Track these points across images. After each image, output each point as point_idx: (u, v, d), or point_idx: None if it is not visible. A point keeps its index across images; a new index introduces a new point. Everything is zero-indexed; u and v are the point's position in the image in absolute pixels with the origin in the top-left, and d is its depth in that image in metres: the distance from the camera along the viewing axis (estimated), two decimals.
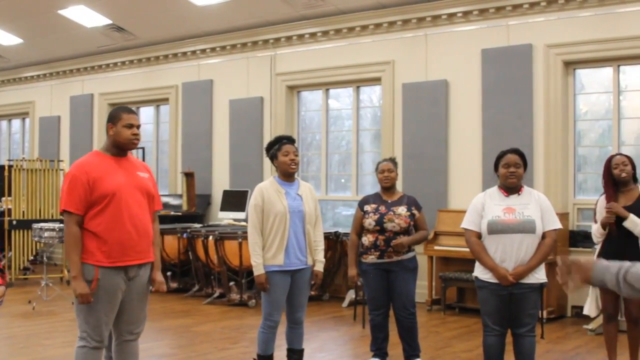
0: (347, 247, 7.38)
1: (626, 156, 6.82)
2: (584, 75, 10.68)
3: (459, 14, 11.17)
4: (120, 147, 5.25)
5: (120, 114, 5.23)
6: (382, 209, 7.05)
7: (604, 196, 6.87)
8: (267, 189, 6.42)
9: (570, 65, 10.57)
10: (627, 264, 3.11)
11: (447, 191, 11.26)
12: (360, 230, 7.15)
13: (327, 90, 12.98)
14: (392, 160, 7.33)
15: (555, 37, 10.46)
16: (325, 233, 10.17)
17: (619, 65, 10.27)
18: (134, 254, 5.18)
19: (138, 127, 5.26)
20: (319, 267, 6.59)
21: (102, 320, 5.10)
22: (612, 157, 6.88)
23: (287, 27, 12.80)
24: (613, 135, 10.29)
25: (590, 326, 8.95)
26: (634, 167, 6.78)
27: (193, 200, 13.34)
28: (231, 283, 11.15)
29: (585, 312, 7.33)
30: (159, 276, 5.51)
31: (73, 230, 5.02)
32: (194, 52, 14.14)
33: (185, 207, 13.33)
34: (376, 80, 12.15)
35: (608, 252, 6.48)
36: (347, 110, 12.93)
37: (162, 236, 11.83)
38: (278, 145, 6.49)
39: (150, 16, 13.32)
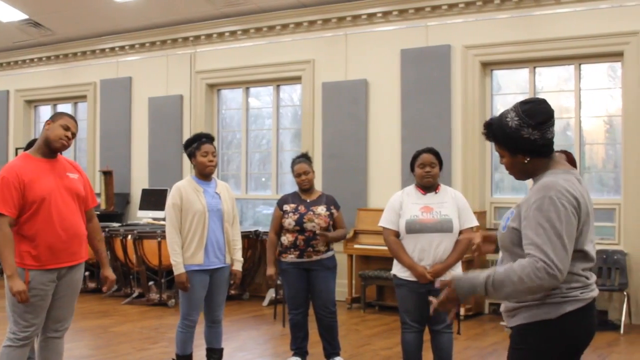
0: (266, 246, 7.37)
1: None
2: (501, 76, 10.84)
3: (379, 14, 11.22)
4: (49, 146, 5.23)
5: (63, 116, 5.37)
6: (302, 208, 7.02)
7: None
8: (185, 188, 6.37)
9: (488, 66, 10.70)
10: (489, 271, 3.24)
11: (366, 190, 11.29)
12: (279, 229, 7.11)
13: (248, 88, 12.90)
14: (306, 158, 7.29)
15: (473, 39, 10.56)
16: (245, 232, 10.16)
17: (535, 67, 10.43)
18: (64, 257, 5.20)
19: (73, 134, 5.30)
20: (237, 267, 6.58)
21: (31, 322, 5.11)
22: None
23: (207, 24, 12.68)
24: None
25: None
26: None
27: (111, 199, 13.15)
28: (150, 283, 11.00)
29: (502, 309, 7.41)
30: (109, 273, 5.55)
31: (5, 231, 4.98)
32: (112, 48, 13.90)
33: (103, 206, 13.10)
34: (296, 79, 12.13)
35: None
36: (267, 108, 12.87)
37: None
38: (197, 144, 6.43)
39: (68, 12, 13.06)
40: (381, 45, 11.23)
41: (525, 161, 3.35)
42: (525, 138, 3.29)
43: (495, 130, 3.39)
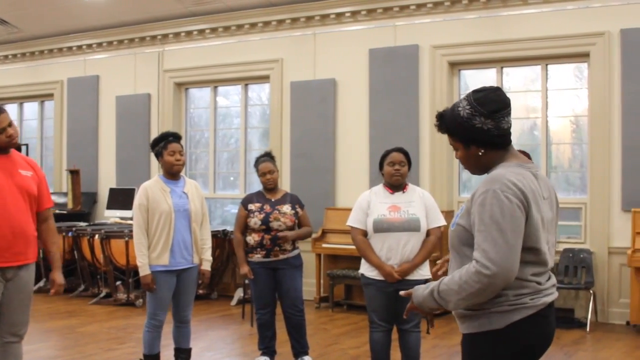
0: (234, 246, 7.36)
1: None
2: (469, 76, 10.87)
3: (347, 14, 11.22)
4: None
5: None
6: (267, 208, 7.01)
7: None
8: (151, 187, 6.32)
9: (456, 66, 10.73)
10: (435, 283, 3.12)
11: (334, 189, 11.28)
12: (244, 228, 7.09)
13: (216, 87, 12.84)
14: (270, 157, 7.28)
15: (441, 39, 10.58)
16: (213, 231, 10.09)
17: (502, 67, 10.47)
18: (9, 256, 5.04)
19: (9, 124, 5.09)
20: (206, 266, 6.55)
21: None
22: None
23: (175, 23, 12.60)
24: None
25: None
26: None
27: (78, 198, 13.04)
28: (118, 282, 10.93)
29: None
30: (58, 277, 5.40)
31: None
32: (79, 46, 13.76)
33: (70, 206, 13.00)
34: (265, 78, 12.08)
35: None
36: (235, 107, 12.81)
37: None
38: (164, 143, 6.38)
39: (36, 9, 12.92)
40: (349, 45, 11.23)
41: (480, 153, 3.19)
42: (478, 128, 3.12)
43: (447, 121, 3.25)
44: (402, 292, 3.42)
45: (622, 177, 9.50)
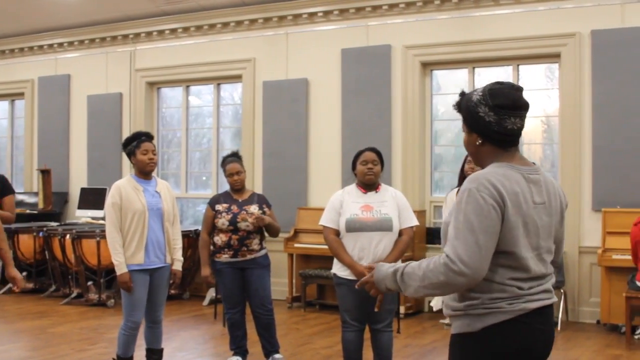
0: (199, 247, 7.35)
1: None
2: (441, 76, 10.91)
3: (320, 14, 11.20)
4: None
5: None
6: (235, 208, 7.01)
7: (454, 190, 7.07)
8: (124, 186, 6.27)
9: (428, 67, 10.74)
10: (400, 265, 3.08)
11: (307, 189, 11.26)
12: (212, 229, 7.10)
13: (188, 87, 12.77)
14: (238, 157, 7.29)
15: (414, 39, 10.59)
16: (185, 231, 10.09)
17: (474, 67, 10.49)
18: None
19: None
20: (178, 266, 6.53)
21: None
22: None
23: (147, 22, 12.51)
24: None
25: (447, 320, 9.08)
26: None
27: (49, 198, 12.94)
28: (89, 283, 10.82)
29: (432, 303, 7.47)
30: (15, 272, 5.35)
31: None
32: (51, 45, 13.63)
33: (41, 205, 12.90)
34: (237, 78, 12.04)
35: None
36: (207, 107, 12.74)
37: (17, 235, 11.52)
38: (136, 143, 6.34)
39: (6, 7, 12.79)
40: (322, 45, 11.21)
41: (478, 143, 3.12)
42: (480, 117, 3.07)
43: (462, 102, 3.19)
44: (367, 270, 3.37)
45: (592, 177, 9.54)
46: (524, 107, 3.11)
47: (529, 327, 3.03)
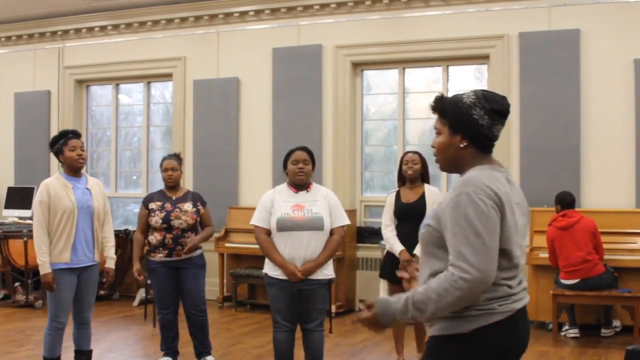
0: (133, 245, 7.25)
1: (418, 154, 7.05)
2: (372, 76, 10.92)
3: (251, 13, 11.11)
4: None
5: None
6: (168, 206, 6.92)
7: (394, 191, 7.08)
8: (53, 184, 6.13)
9: (359, 67, 10.75)
10: (409, 294, 2.98)
11: (237, 188, 11.16)
12: (146, 228, 6.99)
13: (118, 85, 12.55)
14: (177, 157, 7.20)
15: (344, 39, 10.58)
16: (115, 231, 9.88)
17: (404, 68, 10.54)
18: None
19: None
20: (110, 264, 6.45)
21: None
22: (405, 154, 7.14)
23: (76, 19, 12.24)
24: (398, 135, 10.57)
25: None
26: (425, 166, 7.02)
27: None
28: (16, 284, 10.57)
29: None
30: None
31: None
32: None
33: None
34: (168, 76, 11.87)
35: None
36: (138, 106, 12.54)
37: None
38: (64, 140, 6.21)
39: None
40: (253, 44, 11.12)
41: (462, 145, 3.08)
42: (474, 119, 3.03)
43: (446, 103, 3.13)
44: (361, 306, 3.26)
45: (520, 176, 9.61)
46: (507, 116, 3.13)
47: (516, 325, 3.04)
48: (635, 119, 9.26)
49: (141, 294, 10.57)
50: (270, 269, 5.94)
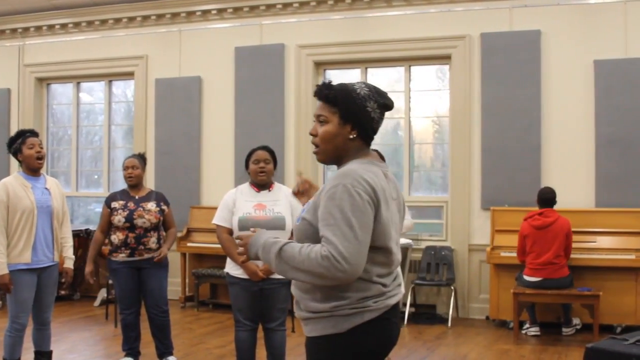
0: (90, 244, 7.17)
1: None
2: (334, 75, 10.86)
3: (214, 11, 11.05)
4: None
5: None
6: (131, 205, 6.82)
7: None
8: (12, 184, 6.01)
9: (321, 66, 10.73)
10: (282, 240, 2.98)
11: (199, 188, 11.10)
12: (107, 227, 6.90)
13: (79, 83, 12.40)
14: (140, 157, 7.10)
15: (307, 38, 10.56)
16: (75, 230, 9.80)
17: (366, 67, 10.53)
18: None
19: None
20: (69, 264, 6.35)
21: None
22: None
23: (36, 16, 12.07)
24: None
25: None
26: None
27: None
28: None
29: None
30: None
31: None
32: None
33: None
34: (129, 75, 11.75)
35: None
36: (99, 104, 12.39)
37: None
38: (21, 139, 6.11)
39: None
40: (215, 43, 11.06)
41: (351, 136, 3.04)
42: (367, 111, 3.02)
43: (337, 91, 3.06)
44: (243, 234, 3.24)
45: (481, 176, 9.67)
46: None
47: (389, 322, 3.03)
48: (594, 119, 9.33)
49: (102, 294, 10.47)
50: (231, 268, 5.89)
